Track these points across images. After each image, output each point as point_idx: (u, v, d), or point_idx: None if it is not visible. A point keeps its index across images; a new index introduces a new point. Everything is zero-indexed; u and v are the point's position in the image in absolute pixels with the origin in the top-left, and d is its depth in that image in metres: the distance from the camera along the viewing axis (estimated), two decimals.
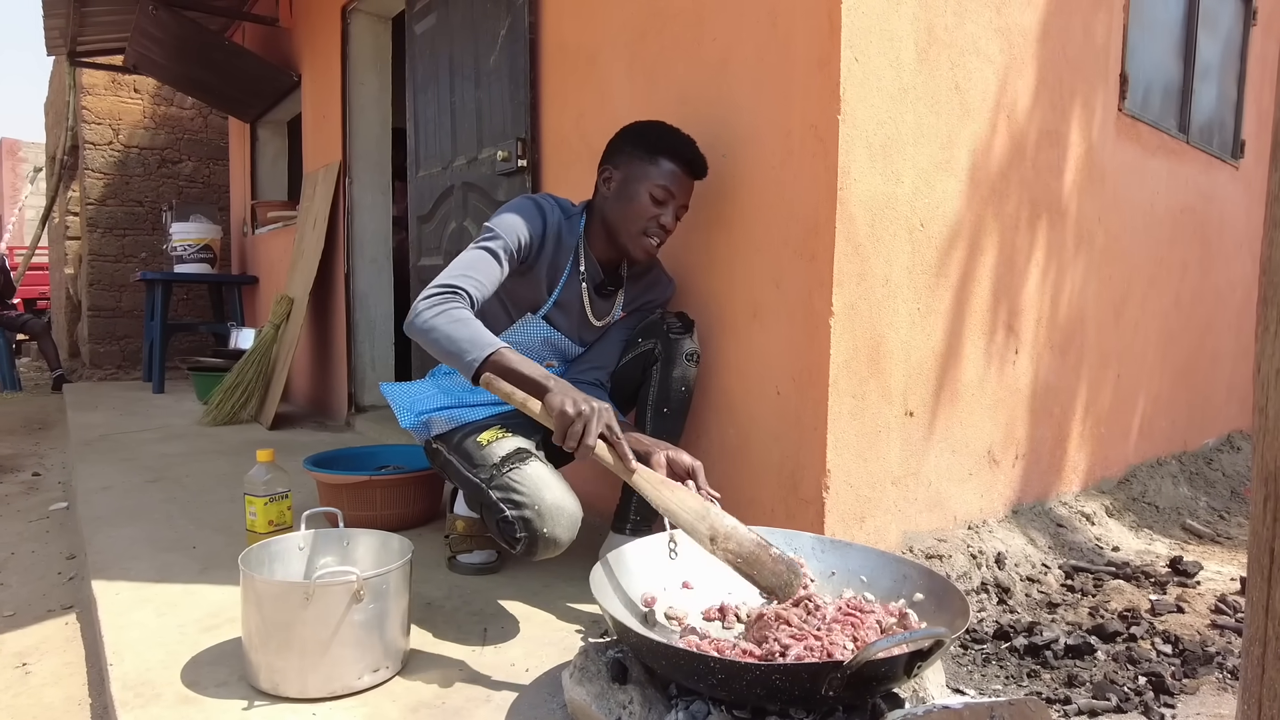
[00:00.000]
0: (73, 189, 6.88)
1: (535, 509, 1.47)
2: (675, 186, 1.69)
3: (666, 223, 1.70)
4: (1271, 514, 0.75)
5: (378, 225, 3.99)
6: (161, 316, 5.15)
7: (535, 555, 1.50)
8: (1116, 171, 2.52)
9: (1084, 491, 2.46)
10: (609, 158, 1.74)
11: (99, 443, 3.49)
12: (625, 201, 1.69)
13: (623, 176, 1.70)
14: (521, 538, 1.49)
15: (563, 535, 1.49)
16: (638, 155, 1.69)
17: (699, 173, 1.73)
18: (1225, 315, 3.39)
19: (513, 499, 1.50)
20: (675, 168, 1.68)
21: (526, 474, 1.52)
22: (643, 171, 1.68)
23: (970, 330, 2.00)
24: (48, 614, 1.91)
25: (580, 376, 1.80)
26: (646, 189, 1.67)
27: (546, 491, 1.50)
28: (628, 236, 1.70)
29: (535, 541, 1.48)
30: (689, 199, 1.74)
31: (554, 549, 1.50)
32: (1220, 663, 1.50)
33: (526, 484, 1.50)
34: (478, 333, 1.43)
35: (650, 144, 1.69)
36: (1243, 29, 3.32)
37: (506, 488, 1.51)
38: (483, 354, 1.40)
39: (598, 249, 1.76)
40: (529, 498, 1.48)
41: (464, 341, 1.41)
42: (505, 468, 1.54)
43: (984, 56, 1.94)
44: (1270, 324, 0.75)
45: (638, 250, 1.71)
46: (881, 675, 1.02)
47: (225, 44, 4.64)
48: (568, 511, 1.50)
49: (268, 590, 1.29)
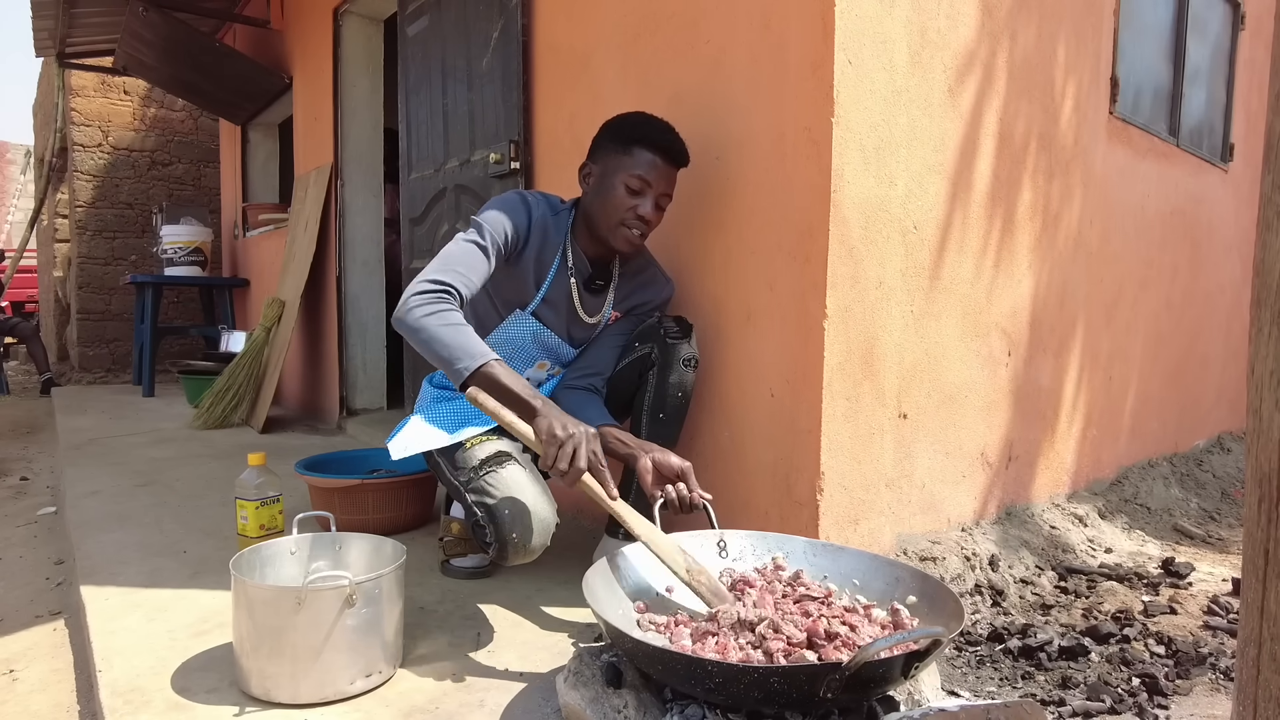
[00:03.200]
0: (61, 191, 6.84)
1: (506, 512, 1.46)
2: (651, 175, 1.66)
3: (645, 213, 1.66)
4: (1265, 516, 0.75)
5: (369, 228, 3.98)
6: (152, 319, 5.12)
7: (506, 560, 1.48)
8: (1107, 174, 2.53)
9: (1076, 493, 2.47)
10: (590, 154, 1.73)
11: (88, 447, 3.46)
12: (603, 195, 1.67)
13: (600, 170, 1.69)
14: (490, 542, 1.48)
15: (533, 540, 1.47)
16: (614, 148, 1.67)
17: (678, 160, 1.70)
18: (1215, 317, 3.41)
19: (484, 502, 1.49)
20: (651, 156, 1.65)
21: (501, 477, 1.51)
22: (618, 163, 1.66)
23: (963, 332, 2.00)
24: (35, 620, 1.89)
25: (576, 382, 1.79)
26: (622, 180, 1.65)
27: (519, 495, 1.48)
28: (607, 229, 1.68)
29: (504, 546, 1.47)
30: (671, 187, 1.71)
31: (524, 554, 1.48)
32: (1213, 663, 1.50)
33: (499, 487, 1.49)
34: (469, 341, 1.41)
35: (625, 135, 1.67)
36: (1231, 33, 3.35)
37: (481, 490, 1.50)
38: (473, 364, 1.38)
39: (585, 244, 1.75)
40: (500, 501, 1.47)
41: (455, 349, 1.39)
42: (483, 471, 1.53)
43: (976, 59, 1.95)
44: (1263, 326, 0.76)
45: (619, 242, 1.69)
46: (879, 676, 1.02)
47: (216, 46, 4.62)
48: (539, 516, 1.47)
49: (259, 595, 1.28)
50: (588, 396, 1.75)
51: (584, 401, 1.73)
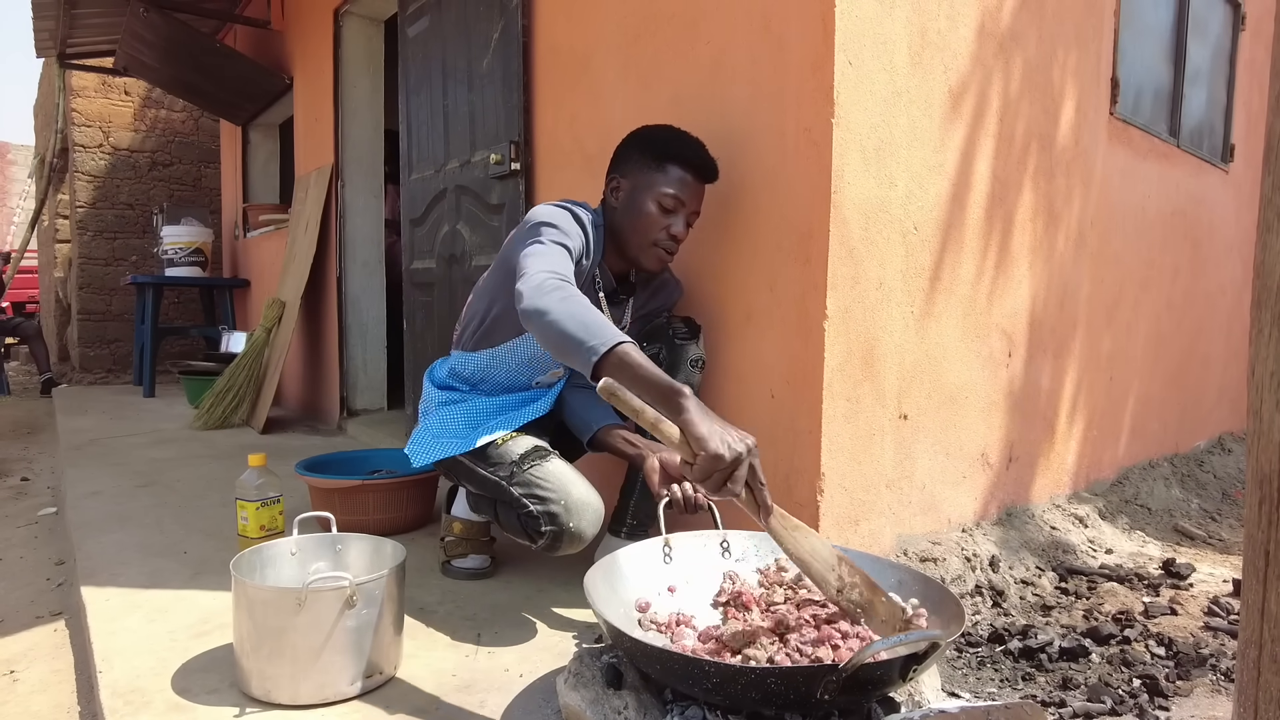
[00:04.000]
0: (62, 192, 6.84)
1: (562, 504, 1.49)
2: (685, 194, 1.64)
3: (677, 232, 1.65)
4: (1266, 517, 0.75)
5: (370, 228, 3.98)
6: (152, 320, 5.12)
7: (559, 550, 1.52)
8: (1108, 175, 2.53)
9: (1077, 494, 2.47)
10: (616, 166, 1.70)
11: (89, 447, 3.47)
12: (634, 213, 1.65)
13: (631, 186, 1.66)
14: (547, 531, 1.50)
15: (588, 530, 1.51)
16: (645, 163, 1.65)
17: (709, 177, 1.69)
18: (1215, 318, 3.41)
19: (537, 494, 1.51)
20: (684, 174, 1.64)
21: (549, 470, 1.54)
22: (650, 180, 1.63)
23: (963, 333, 2.00)
24: (36, 620, 1.89)
25: (581, 381, 1.79)
26: (655, 198, 1.63)
27: (572, 487, 1.52)
28: (638, 248, 1.66)
29: (560, 535, 1.50)
30: (700, 205, 1.70)
31: (579, 544, 1.52)
32: (1214, 664, 1.50)
33: (551, 479, 1.52)
34: (600, 320, 1.22)
35: (658, 151, 1.65)
36: (1232, 34, 3.34)
37: (529, 484, 1.52)
38: (607, 342, 1.16)
39: (609, 258, 1.72)
40: (555, 492, 1.50)
41: (593, 327, 1.20)
42: (526, 465, 1.55)
43: (976, 60, 1.95)
44: (1264, 327, 0.75)
45: (650, 261, 1.67)
46: (877, 678, 1.02)
47: (216, 47, 4.62)
48: (593, 506, 1.52)
49: (259, 596, 1.28)
50: (593, 395, 1.75)
51: (590, 400, 1.73)
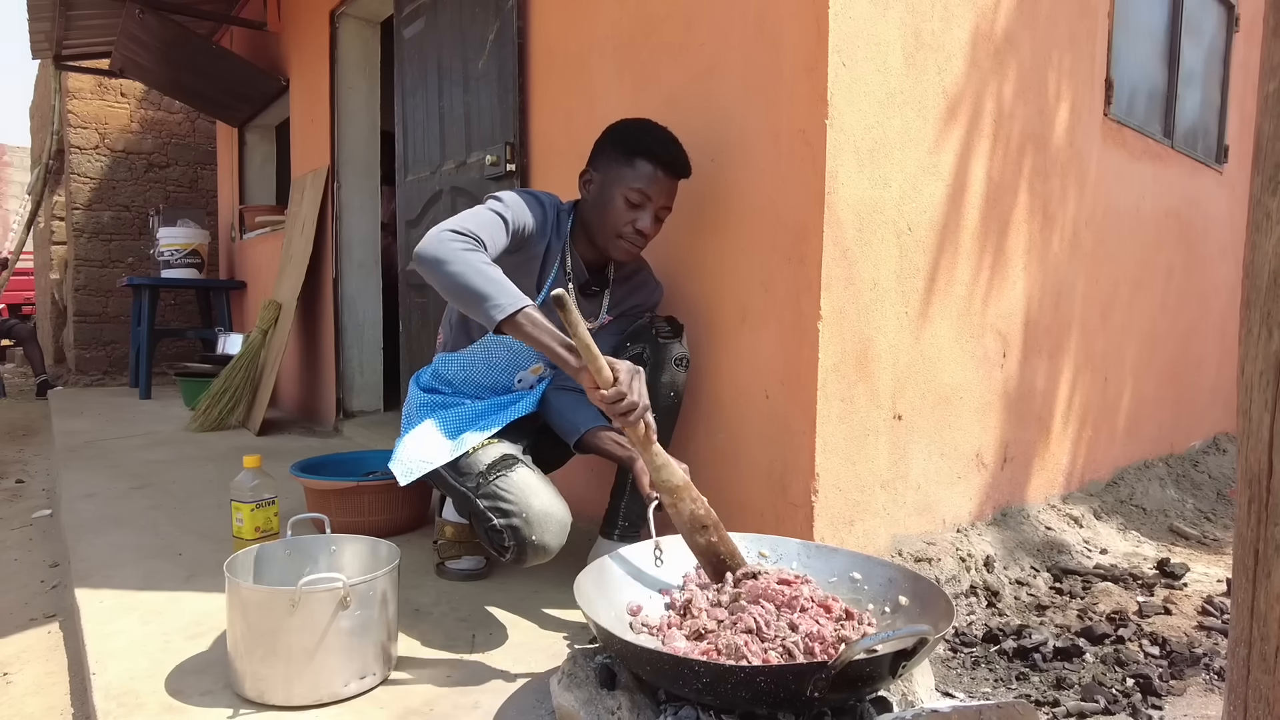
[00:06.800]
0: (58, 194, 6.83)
1: (523, 516, 1.47)
2: (652, 189, 1.64)
3: (644, 227, 1.65)
4: (1256, 516, 0.76)
5: (366, 229, 3.98)
6: (148, 322, 5.12)
7: (525, 562, 1.50)
8: (1102, 176, 2.53)
9: (1072, 494, 2.47)
10: (591, 159, 1.72)
11: (84, 449, 3.46)
12: (602, 207, 1.66)
13: (601, 179, 1.67)
14: (510, 545, 1.49)
15: (551, 541, 1.49)
16: (615, 157, 1.66)
17: (680, 172, 1.69)
18: (1210, 318, 3.42)
19: (500, 507, 1.49)
20: (653, 169, 1.64)
21: (513, 481, 1.51)
22: (618, 175, 1.64)
23: (958, 334, 2.00)
24: (30, 622, 1.89)
25: (567, 383, 1.78)
26: (621, 193, 1.63)
27: (534, 498, 1.49)
28: (605, 240, 1.67)
29: (524, 549, 1.48)
30: (671, 200, 1.70)
31: (543, 555, 1.50)
32: (1207, 664, 1.50)
33: (513, 491, 1.50)
34: (507, 284, 1.37)
35: (628, 146, 1.65)
36: (1225, 35, 3.35)
37: (493, 496, 1.51)
38: (513, 305, 1.34)
39: (582, 249, 1.74)
40: (516, 505, 1.48)
41: (495, 285, 1.36)
42: (491, 475, 1.53)
43: (970, 61, 1.95)
44: (1253, 327, 0.76)
45: (617, 252, 1.69)
46: (867, 675, 1.02)
47: (213, 48, 4.61)
48: (556, 518, 1.49)
49: (253, 597, 1.28)
50: (580, 397, 1.75)
51: (577, 402, 1.73)
